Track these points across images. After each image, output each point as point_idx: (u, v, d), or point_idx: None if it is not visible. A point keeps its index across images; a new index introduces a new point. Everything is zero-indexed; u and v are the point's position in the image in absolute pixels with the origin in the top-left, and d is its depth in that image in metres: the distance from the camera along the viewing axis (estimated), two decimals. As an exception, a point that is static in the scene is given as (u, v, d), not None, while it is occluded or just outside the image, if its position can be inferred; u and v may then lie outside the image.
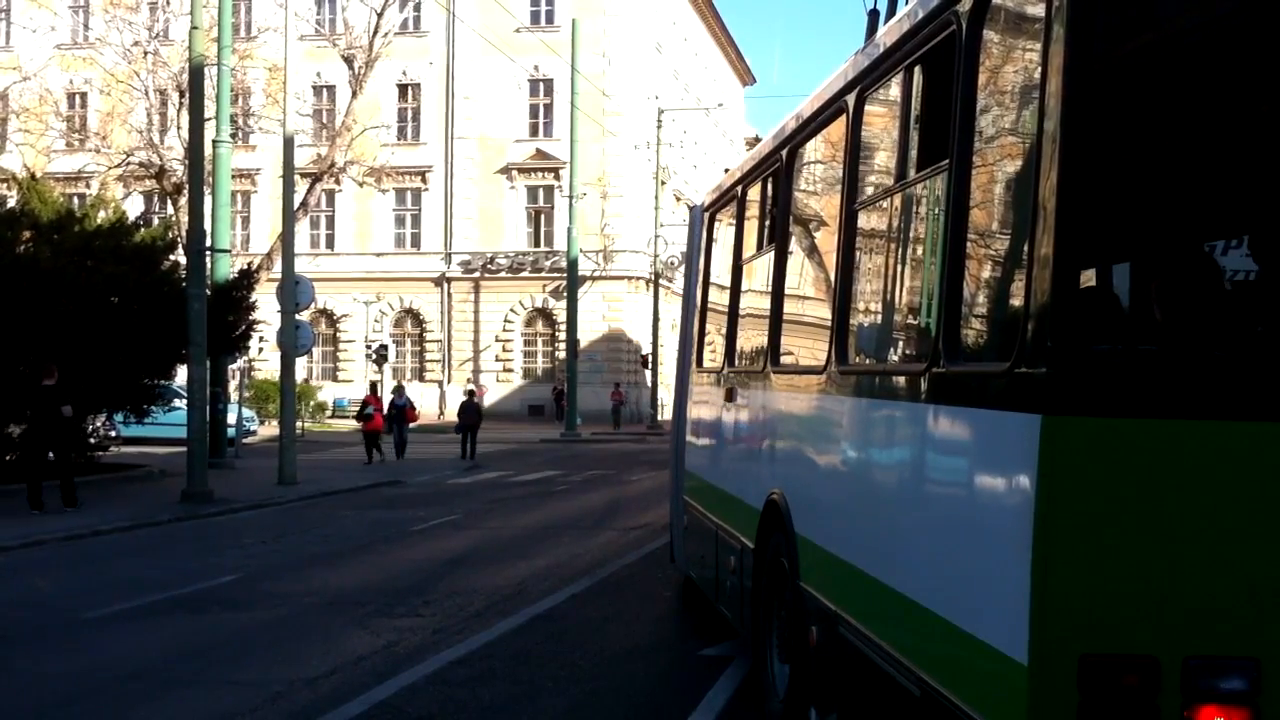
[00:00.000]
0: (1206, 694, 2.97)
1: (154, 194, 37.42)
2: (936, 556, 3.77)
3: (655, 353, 43.95)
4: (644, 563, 12.10)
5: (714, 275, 8.70)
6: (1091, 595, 3.01)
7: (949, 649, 3.55)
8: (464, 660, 7.78)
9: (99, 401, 20.92)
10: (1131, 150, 3.31)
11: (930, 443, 3.93)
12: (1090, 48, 3.04)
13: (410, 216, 49.88)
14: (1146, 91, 3.30)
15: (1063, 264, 3.01)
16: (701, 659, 7.71)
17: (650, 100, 47.72)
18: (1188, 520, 3.01)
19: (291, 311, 21.35)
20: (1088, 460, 3.01)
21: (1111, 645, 3.00)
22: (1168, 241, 3.62)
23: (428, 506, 17.69)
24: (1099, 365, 3.04)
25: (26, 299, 17.73)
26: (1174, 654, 2.98)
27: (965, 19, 3.71)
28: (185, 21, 22.00)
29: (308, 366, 45.69)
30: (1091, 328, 3.15)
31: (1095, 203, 3.09)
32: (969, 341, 3.68)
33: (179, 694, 7.27)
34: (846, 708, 4.72)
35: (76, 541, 13.83)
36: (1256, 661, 2.99)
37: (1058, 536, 3.01)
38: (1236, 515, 3.00)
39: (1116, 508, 3.01)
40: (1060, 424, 3.00)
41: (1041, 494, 3.01)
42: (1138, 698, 2.97)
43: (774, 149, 6.63)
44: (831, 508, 5.11)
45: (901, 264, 4.54)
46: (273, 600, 10.21)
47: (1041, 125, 3.15)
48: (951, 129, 3.74)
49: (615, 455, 29.81)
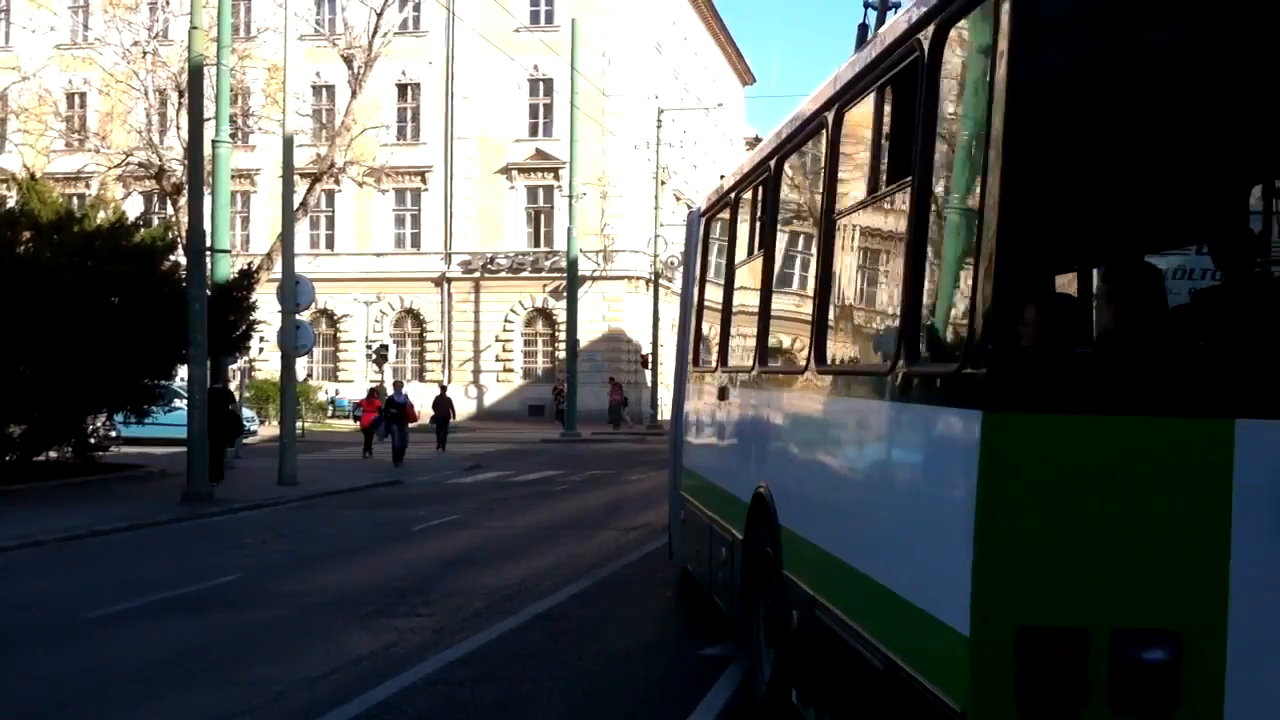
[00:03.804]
0: (1132, 663, 3.27)
1: (154, 194, 37.43)
2: (897, 541, 4.09)
3: (655, 353, 43.94)
4: (644, 563, 12.10)
5: (709, 278, 9.08)
6: (1027, 573, 3.31)
7: (907, 626, 3.85)
8: (464, 660, 7.79)
9: (99, 401, 20.94)
10: (1068, 171, 3.61)
11: (893, 438, 4.28)
12: (1031, 79, 3.33)
13: (410, 216, 49.86)
14: (1082, 118, 3.60)
15: (1003, 275, 3.33)
16: (701, 659, 7.72)
17: (650, 100, 47.70)
18: (1114, 506, 3.30)
19: (292, 311, 21.35)
20: (1023, 452, 3.32)
21: (1046, 618, 3.28)
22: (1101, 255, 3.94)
23: (428, 506, 17.69)
24: (1034, 367, 3.35)
25: (27, 299, 17.74)
26: (1103, 627, 3.27)
27: (927, 45, 4.02)
28: (184, 21, 22.00)
29: (308, 366, 45.68)
30: (1028, 333, 3.40)
31: (1033, 220, 3.36)
32: (925, 345, 3.98)
33: (179, 694, 7.28)
34: (821, 687, 5.03)
35: (76, 541, 13.84)
36: (1178, 635, 3.27)
37: (996, 520, 3.31)
38: (1157, 502, 3.29)
39: (1049, 495, 3.31)
40: (998, 420, 3.32)
41: (982, 482, 3.33)
42: (1070, 666, 3.26)
43: (764, 159, 6.94)
44: (810, 499, 5.43)
45: (872, 272, 4.88)
46: (273, 600, 10.21)
47: (987, 148, 3.44)
48: (914, 147, 4.06)
49: (615, 455, 29.81)
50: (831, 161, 5.31)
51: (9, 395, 18.61)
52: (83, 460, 21.29)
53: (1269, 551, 3.28)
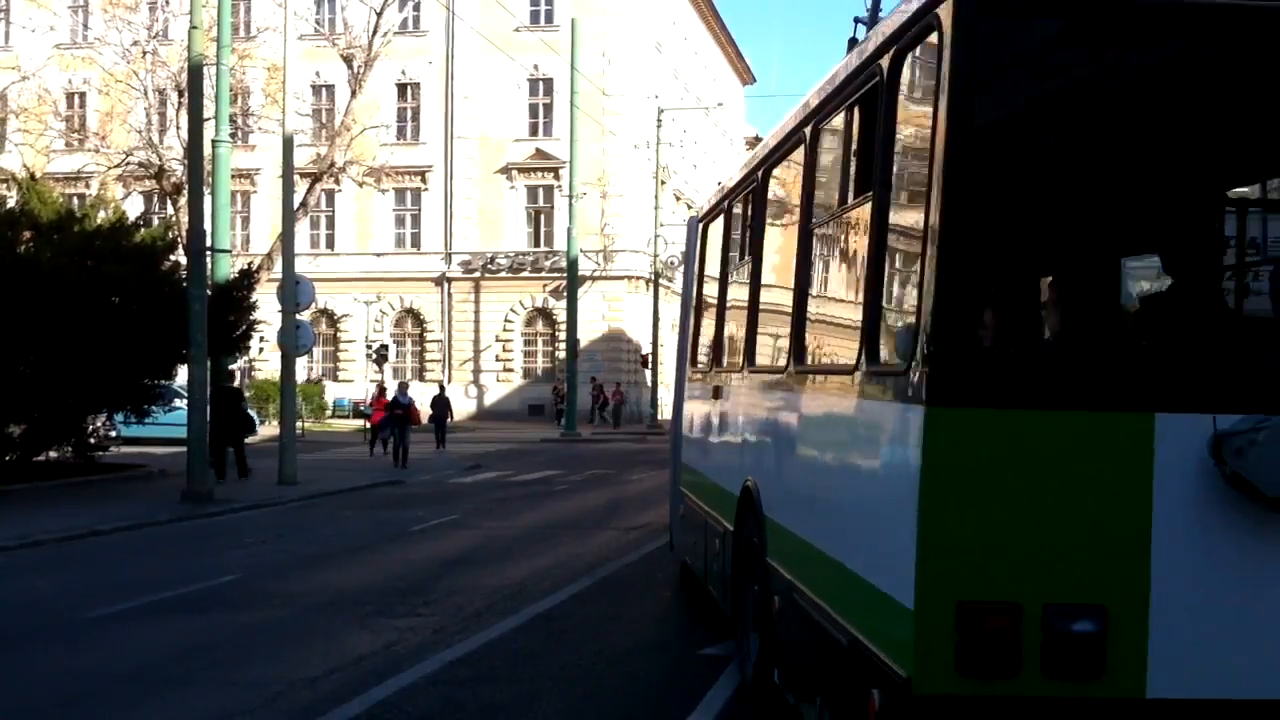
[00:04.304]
0: (1062, 634, 3.59)
1: (154, 194, 37.42)
2: (859, 526, 4.46)
3: (655, 352, 43.93)
4: (644, 563, 12.10)
5: (706, 281, 9.46)
6: (966, 553, 3.64)
7: (867, 604, 4.21)
8: (464, 660, 7.79)
9: (99, 401, 20.93)
10: (1000, 192, 3.95)
11: (855, 433, 4.65)
12: (969, 108, 3.69)
13: (410, 216, 49.84)
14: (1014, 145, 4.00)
15: (943, 286, 3.67)
16: (701, 658, 7.72)
17: (650, 100, 47.69)
18: (1044, 492, 3.64)
19: (292, 311, 21.33)
20: (961, 444, 3.66)
21: (983, 593, 3.61)
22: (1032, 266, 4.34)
23: (428, 506, 17.69)
24: (970, 367, 3.69)
25: (27, 299, 17.73)
26: (1035, 601, 3.60)
27: (886, 70, 4.37)
28: (184, 21, 21.99)
29: (308, 366, 45.68)
30: (965, 338, 3.75)
31: (969, 237, 3.72)
32: (881, 347, 4.33)
33: (179, 694, 7.27)
34: (798, 665, 5.37)
35: (76, 541, 13.84)
36: (1104, 608, 3.60)
37: (937, 505, 3.65)
38: (1085, 488, 3.63)
39: (985, 482, 3.66)
40: (938, 414, 3.65)
41: (924, 471, 3.66)
42: (1005, 637, 3.59)
43: (752, 169, 7.35)
44: (790, 491, 5.79)
45: (840, 280, 5.28)
46: (273, 600, 10.21)
47: (930, 170, 3.78)
48: (874, 165, 4.44)
49: (615, 455, 29.80)
50: (809, 175, 5.67)
51: (9, 395, 18.60)
52: (83, 460, 21.28)
53: (1187, 533, 3.62)
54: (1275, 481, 3.53)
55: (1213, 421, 3.59)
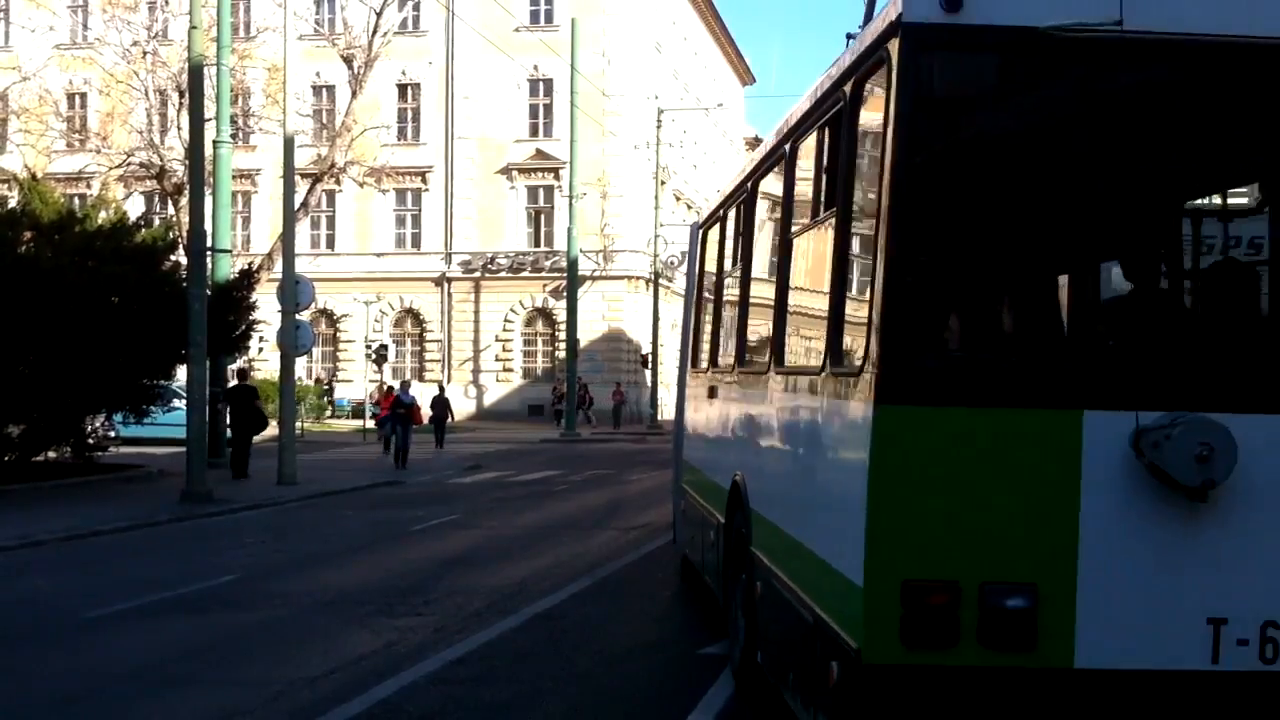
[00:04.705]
0: (996, 609, 3.96)
1: (155, 194, 37.44)
2: (822, 514, 4.90)
3: (655, 352, 43.93)
4: (644, 563, 12.11)
5: (704, 285, 9.91)
6: (910, 536, 4.02)
7: (828, 584, 4.60)
8: (464, 659, 7.79)
9: (99, 401, 20.93)
10: (943, 212, 4.33)
11: (822, 428, 5.04)
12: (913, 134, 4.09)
13: (410, 216, 49.86)
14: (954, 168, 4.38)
15: (890, 298, 4.08)
16: (701, 658, 7.72)
17: (650, 100, 47.70)
18: (981, 481, 4.03)
19: (292, 311, 21.33)
20: (907, 438, 4.04)
21: (925, 572, 3.98)
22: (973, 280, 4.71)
23: (428, 506, 17.68)
24: (915, 369, 4.07)
25: (27, 299, 17.74)
26: (972, 579, 3.97)
27: (849, 96, 4.75)
28: (184, 21, 21.97)
29: (308, 366, 45.69)
30: (911, 343, 4.13)
31: (915, 252, 4.13)
32: (842, 351, 4.70)
33: (179, 693, 7.28)
34: (775, 644, 5.78)
35: (76, 541, 13.84)
36: (1035, 586, 3.97)
37: (884, 493, 4.04)
38: (1019, 477, 4.02)
39: (928, 472, 4.04)
40: (886, 411, 4.03)
41: (873, 462, 4.05)
42: (945, 612, 3.96)
43: (743, 180, 7.71)
44: (770, 484, 6.21)
45: (813, 287, 5.56)
46: (273, 600, 10.21)
47: (880, 192, 4.16)
48: (838, 183, 4.85)
49: (615, 455, 29.80)
50: (788, 189, 6.06)
51: (9, 395, 18.60)
52: (82, 460, 21.28)
53: (1111, 518, 4.00)
54: (1188, 472, 3.89)
55: (1135, 418, 3.97)
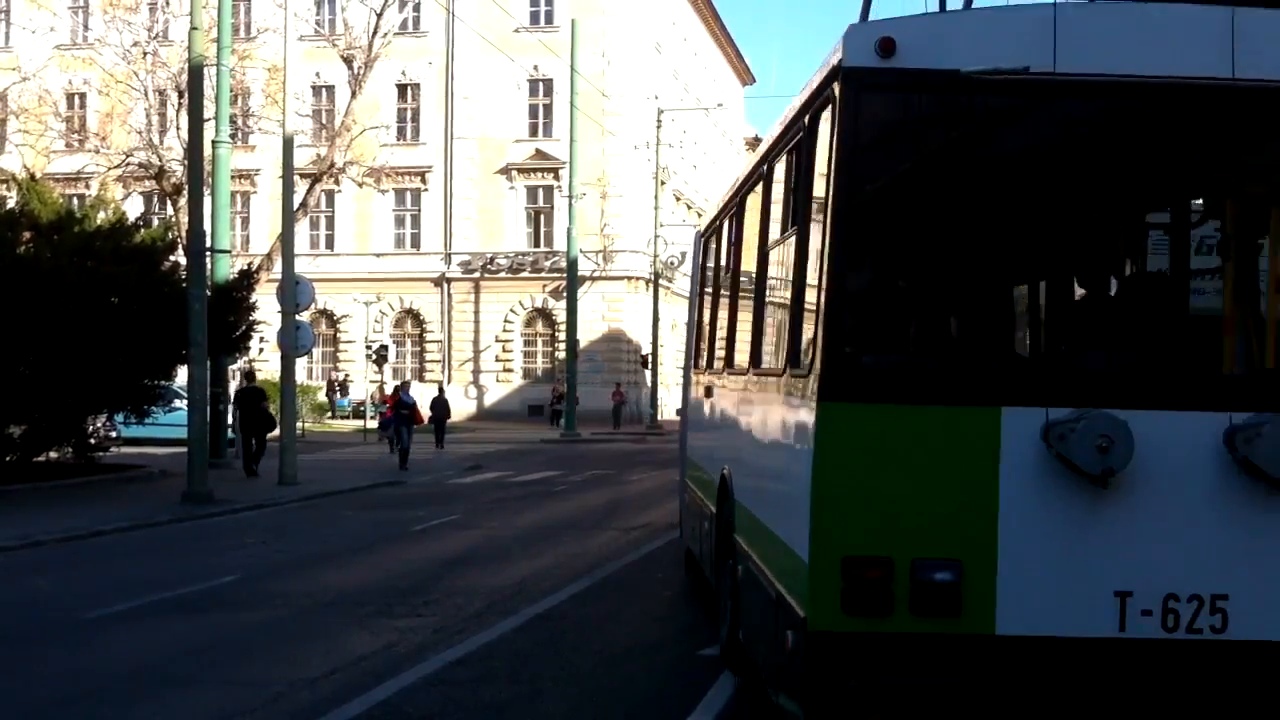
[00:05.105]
0: (925, 582, 4.49)
1: (154, 194, 37.36)
2: (781, 500, 5.45)
3: (655, 353, 43.93)
4: (644, 563, 12.11)
5: (705, 290, 10.38)
6: (849, 518, 4.56)
7: (786, 563, 5.12)
8: (464, 660, 7.79)
9: (99, 402, 20.93)
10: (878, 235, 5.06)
11: (782, 423, 5.53)
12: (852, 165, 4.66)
13: (410, 217, 49.84)
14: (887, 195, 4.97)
15: (831, 308, 4.63)
16: (701, 659, 7.72)
17: (650, 100, 47.68)
18: (912, 468, 4.55)
19: (291, 312, 21.32)
20: (846, 431, 4.61)
21: (862, 549, 4.52)
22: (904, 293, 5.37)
23: (428, 506, 17.68)
24: (853, 371, 4.65)
25: (27, 300, 17.73)
26: (904, 556, 4.50)
27: (805, 128, 5.33)
28: (184, 22, 21.98)
29: (307, 367, 45.67)
30: (849, 348, 4.72)
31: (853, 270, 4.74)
32: (797, 355, 5.19)
33: (179, 694, 7.28)
34: (749, 621, 6.38)
35: (76, 542, 13.84)
36: (960, 561, 4.50)
37: (826, 479, 4.61)
38: (945, 466, 4.55)
39: (865, 461, 4.59)
40: (827, 408, 4.60)
41: (816, 452, 4.63)
42: (880, 585, 4.49)
43: (733, 194, 8.19)
44: (749, 475, 6.75)
45: (780, 297, 6.02)
46: (273, 600, 10.21)
47: (825, 215, 4.72)
48: (798, 202, 5.47)
49: (615, 455, 29.80)
50: (765, 205, 6.58)
51: (9, 395, 18.60)
52: (83, 461, 21.28)
53: (1026, 501, 4.52)
54: (1091, 461, 4.40)
55: (1045, 414, 4.51)
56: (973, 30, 4.78)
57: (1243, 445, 4.45)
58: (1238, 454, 4.47)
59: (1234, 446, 4.47)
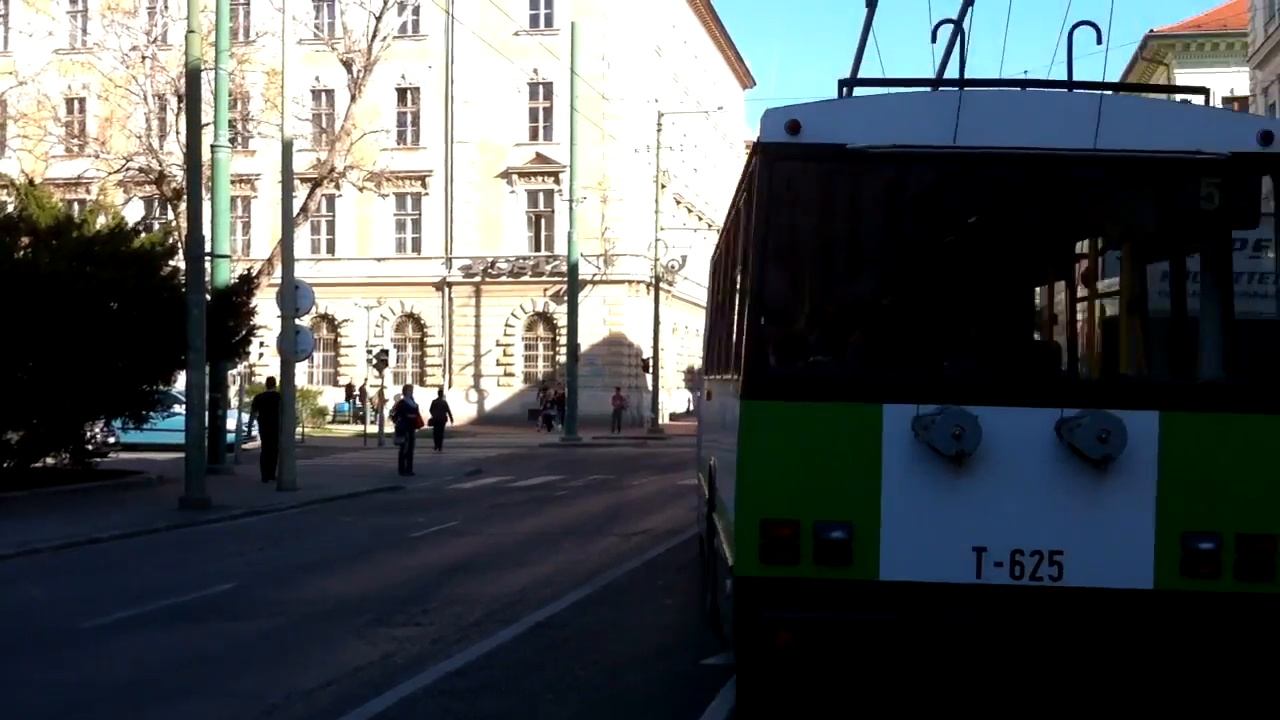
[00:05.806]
0: (824, 539, 5.71)
1: (153, 199, 37.32)
2: (728, 478, 6.48)
3: (655, 357, 43.84)
4: (646, 569, 12.03)
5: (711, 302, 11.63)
6: (766, 488, 5.84)
7: (729, 527, 6.31)
8: (463, 671, 7.71)
9: (98, 407, 20.85)
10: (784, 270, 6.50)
11: (734, 418, 6.32)
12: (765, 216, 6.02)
13: (410, 221, 49.77)
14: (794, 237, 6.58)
15: (750, 327, 6.01)
16: (703, 668, 7.63)
17: (650, 104, 47.62)
18: (814, 451, 5.81)
19: (291, 317, 21.23)
20: (762, 422, 5.89)
21: (775, 514, 5.78)
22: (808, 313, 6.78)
23: (427, 512, 17.59)
24: (766, 376, 6.00)
25: (25, 305, 17.65)
26: (808, 518, 5.74)
27: (745, 187, 6.66)
28: (183, 26, 21.88)
29: (308, 371, 45.60)
30: (763, 358, 6.07)
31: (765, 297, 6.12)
32: (737, 364, 6.28)
33: (174, 704, 7.21)
34: (716, 583, 7.51)
35: (73, 549, 13.76)
36: (851, 523, 5.73)
37: (748, 459, 5.93)
38: (839, 450, 5.79)
39: (778, 445, 5.86)
40: (748, 405, 5.92)
41: (740, 438, 5.93)
42: (789, 541, 5.74)
43: (728, 217, 9.02)
44: (720, 462, 7.77)
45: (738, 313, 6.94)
46: (270, 609, 10.13)
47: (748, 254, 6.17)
48: (741, 244, 6.77)
49: (616, 460, 29.71)
50: (731, 241, 7.93)
51: (7, 402, 18.52)
52: (81, 467, 21.17)
53: (902, 476, 5.72)
54: (948, 445, 5.58)
55: (915, 409, 5.68)
56: (868, 114, 6.05)
57: (1068, 433, 5.62)
58: (1065, 440, 5.64)
59: (1062, 434, 5.65)
